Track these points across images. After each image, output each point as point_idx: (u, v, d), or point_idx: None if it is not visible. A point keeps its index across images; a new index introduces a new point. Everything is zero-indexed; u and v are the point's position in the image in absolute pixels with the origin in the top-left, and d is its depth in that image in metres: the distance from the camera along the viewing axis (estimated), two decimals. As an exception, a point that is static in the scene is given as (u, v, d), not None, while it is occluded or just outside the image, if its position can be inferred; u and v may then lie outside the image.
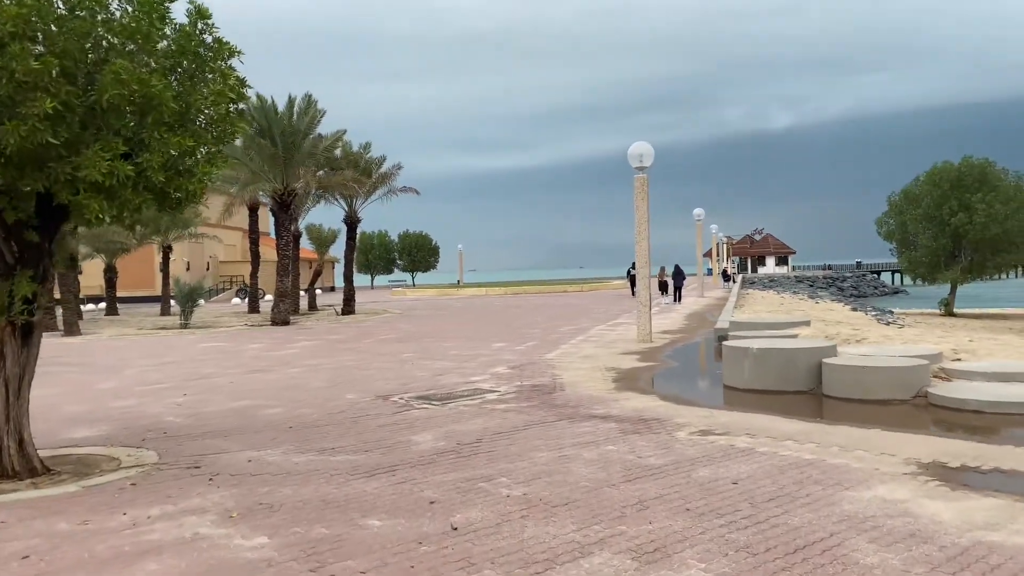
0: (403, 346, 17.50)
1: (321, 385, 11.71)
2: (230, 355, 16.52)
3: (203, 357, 16.20)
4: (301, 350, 17.23)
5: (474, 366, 13.57)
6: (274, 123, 25.34)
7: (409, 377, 12.37)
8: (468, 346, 17.07)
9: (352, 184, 26.70)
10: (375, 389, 11.18)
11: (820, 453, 6.85)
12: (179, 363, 15.09)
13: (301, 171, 25.79)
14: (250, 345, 18.80)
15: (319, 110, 26.35)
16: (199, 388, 11.62)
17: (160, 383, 12.25)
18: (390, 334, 21.06)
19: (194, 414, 9.41)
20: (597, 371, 12.63)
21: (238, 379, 12.55)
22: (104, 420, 9.17)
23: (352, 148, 30.13)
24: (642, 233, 17.12)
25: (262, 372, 13.40)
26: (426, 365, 13.84)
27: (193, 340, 20.81)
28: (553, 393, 10.51)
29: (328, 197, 31.02)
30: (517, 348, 16.38)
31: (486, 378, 12.11)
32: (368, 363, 14.39)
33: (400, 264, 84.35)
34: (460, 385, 11.45)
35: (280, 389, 11.36)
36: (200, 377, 12.91)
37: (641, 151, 17.11)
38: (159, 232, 35.51)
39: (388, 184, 30.63)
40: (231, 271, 58.03)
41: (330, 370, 13.46)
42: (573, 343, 17.26)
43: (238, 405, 9.99)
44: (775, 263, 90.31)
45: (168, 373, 13.52)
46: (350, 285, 31.66)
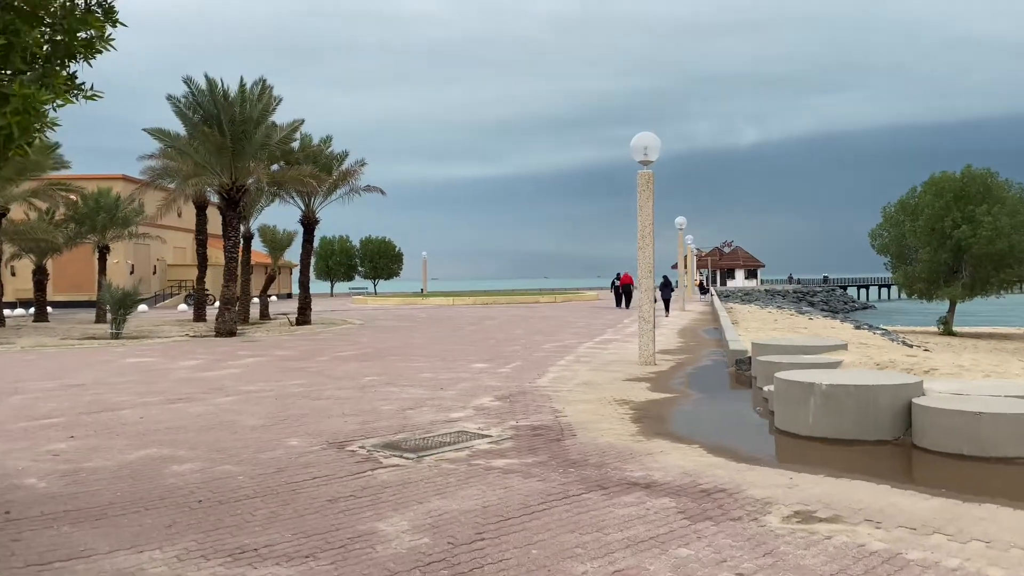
0: (364, 366, 14.85)
1: (257, 423, 9.05)
2: (154, 376, 13.72)
3: (120, 378, 13.38)
4: (242, 370, 14.49)
5: (453, 396, 11.02)
6: (222, 109, 22.51)
7: (372, 411, 9.78)
8: (442, 367, 14.49)
9: (310, 180, 23.95)
10: (327, 430, 8.57)
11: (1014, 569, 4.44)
12: (86, 387, 12.27)
13: (252, 164, 22.99)
14: (183, 362, 15.98)
15: (274, 97, 23.61)
16: (96, 426, 8.88)
17: (48, 417, 9.47)
18: (349, 349, 18.38)
19: (71, 472, 6.71)
20: (607, 405, 10.18)
21: (152, 412, 9.82)
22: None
23: (312, 142, 27.37)
24: (646, 238, 14.74)
25: (186, 402, 10.67)
26: (392, 394, 11.24)
27: (119, 354, 17.89)
28: (563, 440, 8.01)
29: (283, 195, 28.21)
30: (500, 371, 13.86)
31: (470, 414, 9.57)
32: (321, 389, 11.75)
33: (362, 271, 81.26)
34: (438, 425, 8.90)
35: (202, 429, 8.68)
36: (104, 408, 10.15)
37: (646, 142, 14.75)
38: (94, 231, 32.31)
39: (350, 182, 27.92)
40: (180, 275, 54.54)
41: (272, 400, 10.79)
42: (563, 364, 14.79)
43: (138, 457, 7.30)
44: (744, 276, 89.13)
45: (65, 401, 10.72)
46: (306, 292, 28.83)
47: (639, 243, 14.82)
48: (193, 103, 22.40)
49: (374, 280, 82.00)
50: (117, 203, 33.55)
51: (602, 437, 8.15)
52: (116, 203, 33.49)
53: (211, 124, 22.30)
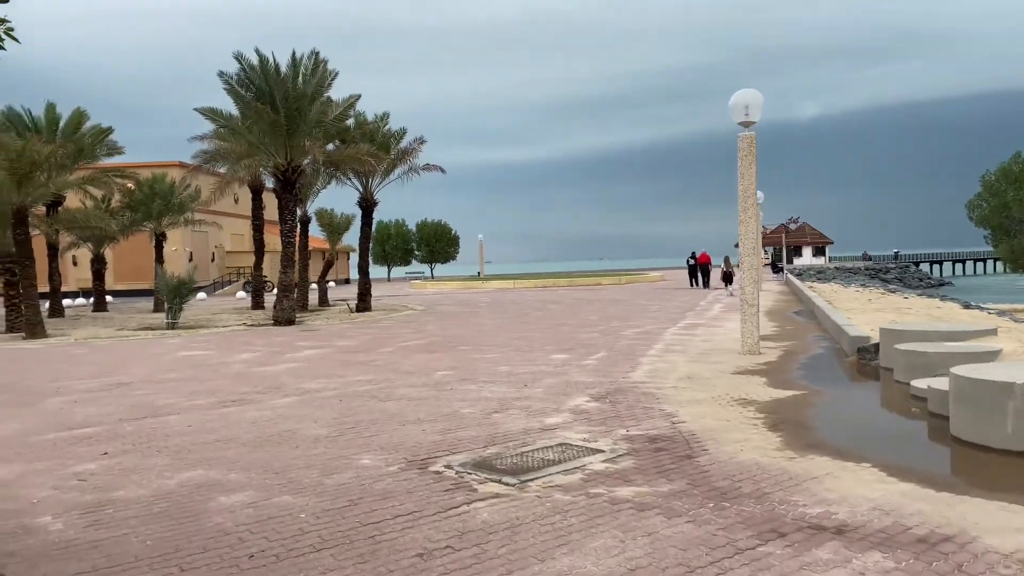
0: (434, 358, 13.47)
1: (321, 432, 7.70)
2: (207, 371, 12.56)
3: (170, 375, 12.24)
4: (301, 364, 13.24)
5: (540, 395, 9.53)
6: (275, 85, 21.29)
7: (452, 416, 8.35)
8: (519, 359, 13.03)
9: (368, 159, 22.63)
10: (404, 442, 7.16)
11: None
12: (132, 386, 11.13)
13: (307, 143, 21.75)
14: (238, 355, 14.83)
15: (329, 71, 22.29)
16: (135, 438, 7.63)
17: (83, 426, 8.27)
18: (415, 338, 17.05)
19: (96, 507, 5.41)
20: (727, 406, 8.57)
21: (201, 418, 8.56)
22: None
23: (368, 119, 26.06)
24: (748, 210, 13.00)
25: (239, 404, 9.40)
26: (471, 393, 9.81)
27: (172, 347, 16.88)
28: (695, 457, 6.44)
29: (340, 176, 27.00)
30: (585, 363, 12.32)
31: (567, 419, 8.07)
32: (390, 387, 10.38)
33: (418, 255, 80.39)
34: (534, 434, 7.42)
35: (257, 441, 7.36)
36: (148, 413, 8.93)
37: (747, 100, 12.96)
38: (150, 217, 31.69)
39: (409, 161, 26.55)
40: (239, 262, 54.20)
41: (336, 401, 9.44)
42: (655, 354, 13.18)
43: (179, 482, 5.98)
44: (812, 253, 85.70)
45: (106, 405, 9.54)
46: (365, 277, 27.65)
47: (740, 216, 13.08)
48: (245, 80, 21.25)
49: (431, 264, 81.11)
50: (172, 189, 32.91)
51: (742, 452, 6.56)
52: (171, 189, 32.84)
53: (264, 101, 21.13)
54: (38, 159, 19.65)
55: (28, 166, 19.50)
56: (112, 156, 30.20)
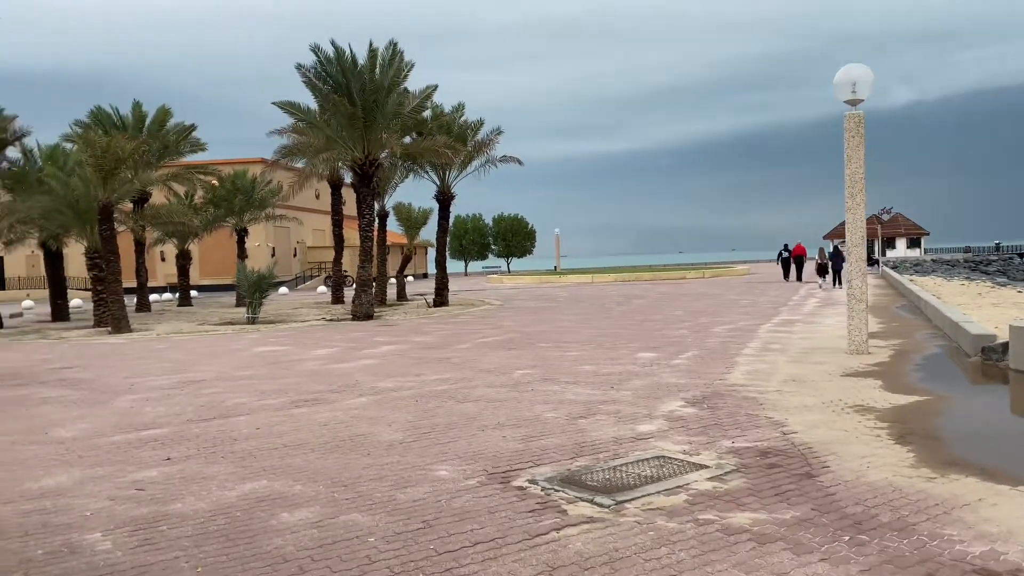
0: (513, 356, 12.84)
1: (395, 437, 7.14)
2: (282, 368, 12.24)
3: (244, 372, 11.96)
4: (377, 360, 12.80)
5: (629, 398, 8.77)
6: (352, 77, 21.03)
7: (534, 421, 7.68)
8: (602, 357, 12.27)
9: (445, 151, 22.17)
10: (483, 450, 6.53)
11: None
12: (205, 384, 10.86)
13: (384, 136, 21.42)
14: (314, 351, 14.53)
15: (406, 62, 21.90)
16: (201, 441, 7.23)
17: (150, 427, 7.94)
18: (492, 334, 16.47)
19: (150, 523, 4.95)
20: (843, 414, 7.64)
21: (270, 420, 8.13)
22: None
23: (443, 110, 25.61)
24: (856, 196, 11.90)
25: (311, 405, 8.96)
26: (554, 394, 9.12)
27: (249, 342, 16.75)
28: (816, 476, 5.60)
29: (417, 169, 26.66)
30: (675, 363, 11.48)
31: (662, 427, 7.29)
32: (467, 387, 9.79)
33: (495, 249, 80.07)
34: (625, 444, 6.69)
35: (327, 447, 6.85)
36: (217, 414, 8.56)
37: (854, 76, 11.87)
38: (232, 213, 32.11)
39: (486, 153, 26.00)
40: (319, 257, 54.95)
41: (412, 402, 8.90)
42: (751, 354, 12.23)
43: (240, 495, 5.49)
44: (906, 245, 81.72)
45: (176, 404, 9.24)
46: (443, 272, 27.27)
47: (847, 203, 11.99)
48: (322, 73, 21.05)
49: (507, 259, 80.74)
50: (253, 185, 33.29)
51: (870, 471, 5.68)
52: (252, 185, 33.23)
53: (341, 93, 20.89)
54: (122, 155, 19.90)
55: (113, 162, 19.77)
56: (195, 152, 30.71)
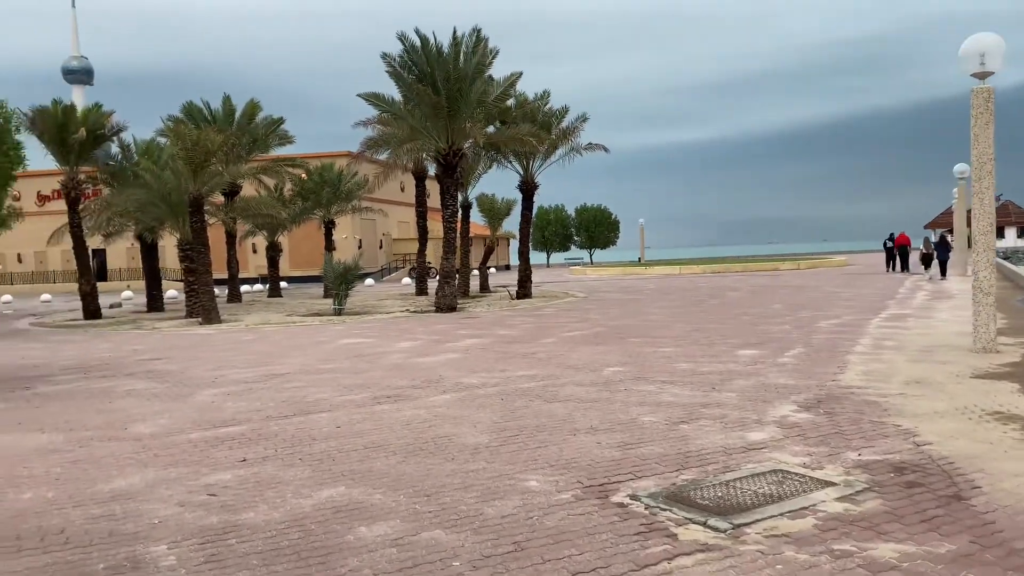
0: (602, 351, 12.21)
1: (480, 440, 6.64)
2: (365, 362, 11.95)
3: (328, 365, 11.72)
4: (461, 355, 12.38)
5: (734, 400, 8.03)
6: (437, 66, 20.70)
7: (631, 425, 7.06)
8: (699, 354, 11.51)
9: (530, 139, 21.62)
10: (577, 458, 5.96)
11: None
12: (288, 377, 10.64)
13: (468, 125, 21.03)
14: (398, 344, 14.24)
15: (490, 49, 21.44)
16: (280, 440, 6.90)
17: (230, 424, 7.67)
18: (579, 328, 15.86)
19: (219, 535, 4.57)
20: (981, 422, 6.75)
21: (352, 418, 7.75)
22: (32, 549, 4.52)
23: (527, 98, 25.05)
24: (984, 179, 10.77)
25: (394, 401, 8.56)
26: (650, 395, 8.46)
27: (334, 334, 16.63)
28: (966, 499, 4.81)
29: (500, 159, 26.22)
30: (781, 361, 10.63)
31: (775, 435, 6.56)
32: (555, 385, 9.23)
33: (577, 240, 79.25)
34: (736, 454, 6.00)
35: (409, 449, 6.40)
36: (298, 410, 8.25)
37: (982, 47, 10.71)
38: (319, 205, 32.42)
39: (571, 141, 25.31)
40: (404, 249, 55.37)
41: (498, 400, 8.39)
42: (863, 351, 11.24)
43: (316, 504, 5.08)
44: (1016, 234, 76.87)
45: (257, 400, 8.99)
46: (526, 263, 26.78)
47: (974, 186, 10.87)
48: (407, 62, 20.81)
49: (590, 250, 79.81)
50: (340, 177, 33.55)
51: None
52: (339, 177, 33.49)
53: (425, 82, 20.59)
54: (211, 148, 20.13)
55: (202, 155, 20.03)
56: (283, 145, 31.12)
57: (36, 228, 42.89)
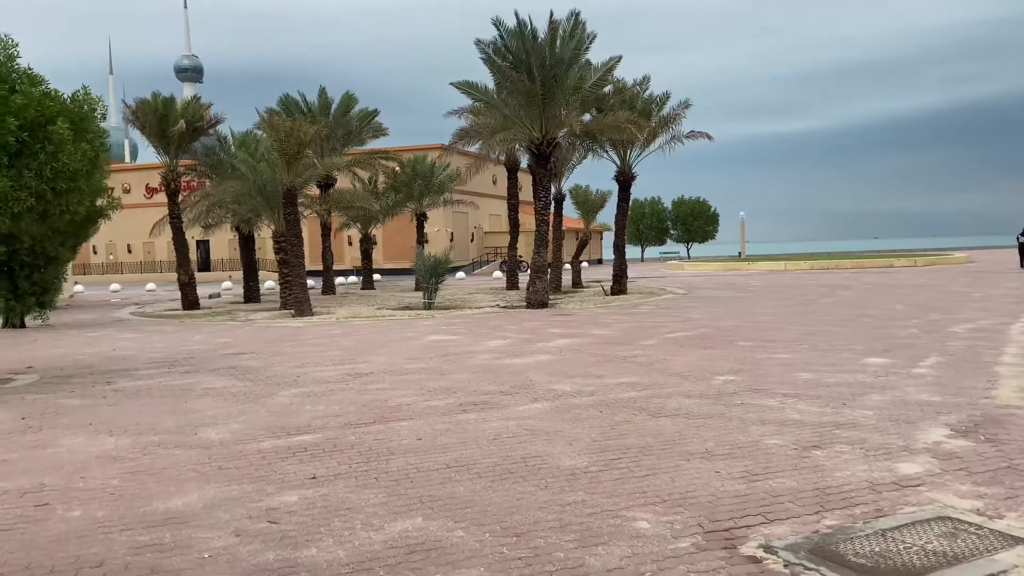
0: (709, 356, 11.16)
1: (578, 463, 5.81)
2: (453, 361, 11.28)
3: (414, 364, 11.11)
4: (553, 356, 11.57)
5: (872, 420, 6.93)
6: (532, 52, 19.90)
7: (753, 449, 6.08)
8: (822, 361, 10.32)
9: (629, 127, 20.55)
10: (693, 492, 5.06)
11: None
12: (371, 377, 10.06)
13: (563, 112, 20.16)
14: (488, 342, 13.55)
15: (588, 33, 20.48)
16: (355, 453, 6.25)
17: (304, 431, 7.09)
18: (681, 328, 14.80)
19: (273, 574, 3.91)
20: None
21: (435, 429, 7.05)
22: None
23: (626, 83, 23.95)
24: None
25: (481, 410, 7.82)
26: (772, 412, 7.42)
27: (423, 329, 16.10)
28: None
29: (596, 149, 25.23)
30: (917, 371, 9.37)
31: (932, 469, 5.48)
32: (660, 396, 8.30)
33: (674, 234, 77.17)
34: (886, 492, 4.98)
35: (496, 472, 5.63)
36: (378, 417, 7.61)
37: None
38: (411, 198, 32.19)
39: (672, 129, 24.09)
40: (496, 242, 54.94)
41: (596, 413, 7.54)
42: (1012, 363, 9.84)
43: (387, 540, 4.36)
44: None
45: (337, 403, 8.41)
46: (622, 257, 25.72)
47: None
48: (501, 48, 20.09)
49: (687, 244, 77.61)
50: (432, 170, 33.26)
51: None
52: (431, 170, 33.20)
53: (519, 69, 19.83)
54: (304, 139, 19.95)
55: (296, 146, 19.87)
56: (377, 138, 31.01)
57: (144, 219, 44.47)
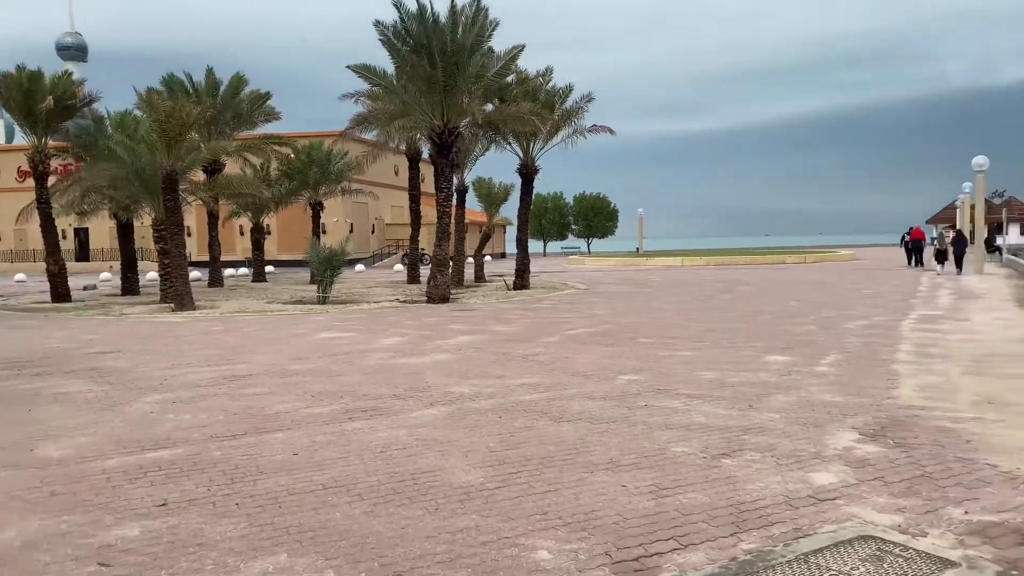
0: (612, 353, 10.81)
1: (473, 480, 5.23)
2: (343, 362, 10.51)
3: (300, 365, 10.29)
4: (452, 355, 10.96)
5: (780, 424, 6.64)
6: (434, 36, 19.16)
7: (660, 458, 5.66)
8: (724, 359, 10.11)
9: (532, 118, 20.10)
10: (599, 510, 4.56)
11: None
12: (250, 380, 9.20)
13: (465, 101, 19.53)
14: (384, 339, 12.81)
15: (490, 21, 19.90)
16: (218, 473, 5.48)
17: (162, 445, 6.24)
18: (584, 325, 14.45)
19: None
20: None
21: (314, 441, 6.33)
22: None
23: (529, 74, 23.48)
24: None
25: (369, 416, 7.13)
26: (676, 414, 7.05)
27: (314, 325, 15.19)
28: None
29: (499, 140, 24.71)
30: (819, 370, 9.26)
31: (847, 479, 5.18)
32: (563, 398, 7.82)
33: (575, 230, 77.82)
34: (801, 505, 4.63)
35: (381, 493, 4.98)
36: (251, 427, 6.82)
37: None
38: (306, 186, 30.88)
39: (574, 122, 23.80)
40: (397, 234, 53.84)
41: (495, 418, 6.97)
42: (908, 360, 9.87)
43: (242, 584, 3.66)
44: (1020, 231, 75.68)
45: (206, 410, 7.54)
46: (524, 252, 25.32)
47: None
48: (401, 31, 19.27)
49: (588, 239, 78.41)
50: (329, 157, 32.00)
51: None
52: (328, 157, 31.94)
53: (420, 54, 19.07)
54: (187, 120, 18.59)
55: (178, 128, 18.49)
56: (270, 122, 29.55)
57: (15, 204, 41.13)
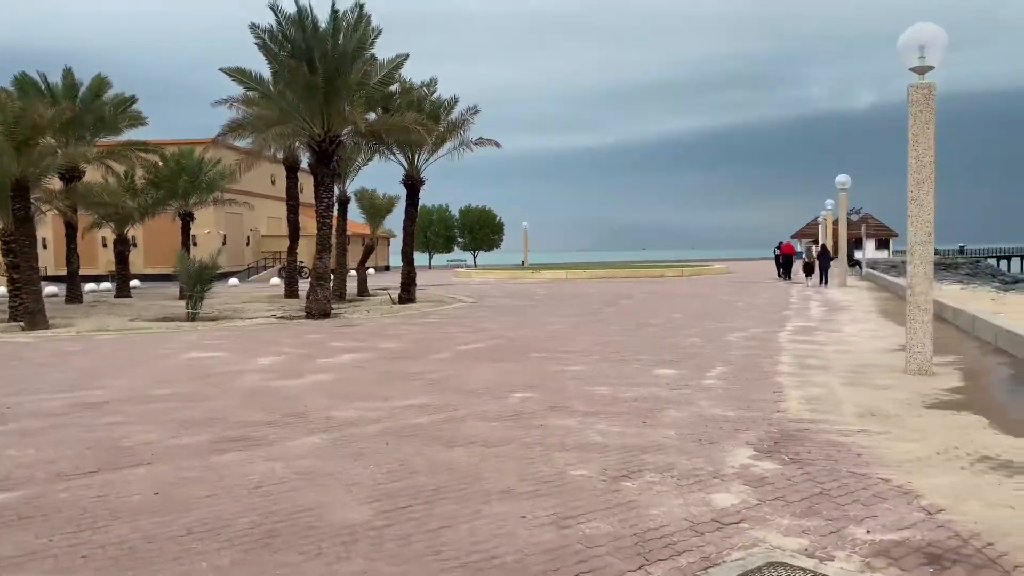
0: (504, 370, 10.52)
1: (359, 518, 4.77)
2: (213, 385, 9.73)
3: (163, 389, 9.44)
4: (335, 375, 10.37)
5: (675, 441, 6.51)
6: (314, 42, 18.45)
7: (559, 483, 5.38)
8: (615, 374, 10.01)
9: (417, 128, 19.66)
10: (497, 548, 4.22)
11: None
12: (106, 408, 8.33)
13: (347, 109, 18.89)
14: (259, 359, 12.03)
15: (373, 27, 19.38)
16: (63, 520, 4.78)
17: (4, 484, 5.44)
18: (473, 340, 14.12)
19: None
20: (979, 473, 5.59)
21: (179, 476, 5.68)
22: None
23: (414, 84, 23.05)
24: (924, 183, 9.80)
25: (243, 448, 6.52)
26: (573, 434, 6.81)
27: (182, 345, 14.16)
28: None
29: (383, 151, 24.12)
30: (707, 383, 9.28)
31: (747, 499, 5.06)
32: (455, 420, 7.44)
33: (461, 242, 77.58)
34: (706, 531, 4.45)
35: (254, 538, 4.45)
36: (107, 463, 6.08)
37: (924, 38, 9.76)
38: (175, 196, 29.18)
39: (460, 134, 23.54)
40: (274, 246, 51.86)
41: (381, 445, 6.51)
42: (790, 372, 10.09)
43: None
44: (875, 246, 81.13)
45: (54, 443, 6.71)
46: (410, 265, 24.76)
47: (911, 192, 9.87)
48: (279, 36, 18.45)
49: (473, 252, 78.30)
50: (200, 166, 30.39)
51: None
52: (199, 166, 30.33)
53: (300, 59, 18.31)
54: (40, 123, 17.08)
55: (29, 131, 16.95)
56: (135, 127, 27.71)
57: None
